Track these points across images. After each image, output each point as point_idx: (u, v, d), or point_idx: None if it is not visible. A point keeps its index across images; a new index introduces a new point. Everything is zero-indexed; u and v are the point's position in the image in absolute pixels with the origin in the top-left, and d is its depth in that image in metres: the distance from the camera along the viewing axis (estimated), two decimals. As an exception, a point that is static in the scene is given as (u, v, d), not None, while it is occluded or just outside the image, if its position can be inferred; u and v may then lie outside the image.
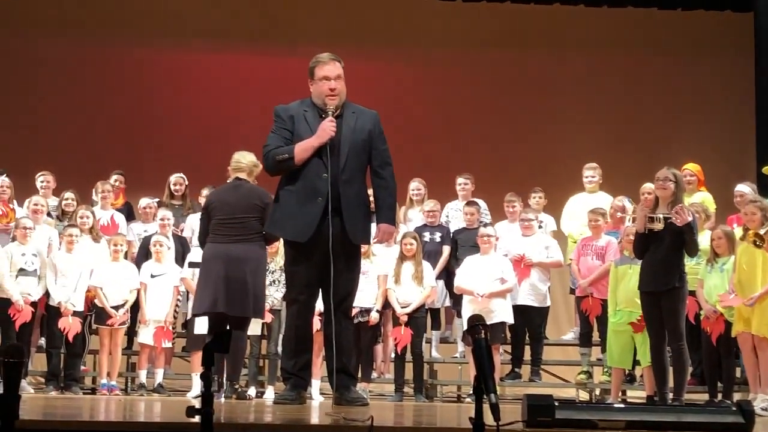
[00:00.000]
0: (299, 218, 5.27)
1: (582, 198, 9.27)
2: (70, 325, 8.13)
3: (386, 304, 8.25)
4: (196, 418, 3.02)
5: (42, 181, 9.20)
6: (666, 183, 6.74)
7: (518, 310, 8.33)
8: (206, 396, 3.05)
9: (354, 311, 7.66)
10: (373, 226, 5.68)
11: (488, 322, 3.60)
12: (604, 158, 9.74)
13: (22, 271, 8.15)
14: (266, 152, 5.37)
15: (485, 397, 3.06)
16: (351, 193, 5.31)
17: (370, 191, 5.61)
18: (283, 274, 6.68)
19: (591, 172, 9.22)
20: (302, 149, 5.24)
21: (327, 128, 5.21)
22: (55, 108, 11.44)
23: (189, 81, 11.74)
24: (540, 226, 8.92)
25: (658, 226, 6.60)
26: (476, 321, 3.15)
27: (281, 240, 6.13)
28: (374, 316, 8.02)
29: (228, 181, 7.06)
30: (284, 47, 11.60)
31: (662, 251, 6.66)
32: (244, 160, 6.82)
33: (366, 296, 7.84)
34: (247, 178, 6.83)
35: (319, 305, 5.73)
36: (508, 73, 11.96)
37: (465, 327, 7.99)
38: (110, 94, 11.51)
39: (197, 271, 7.21)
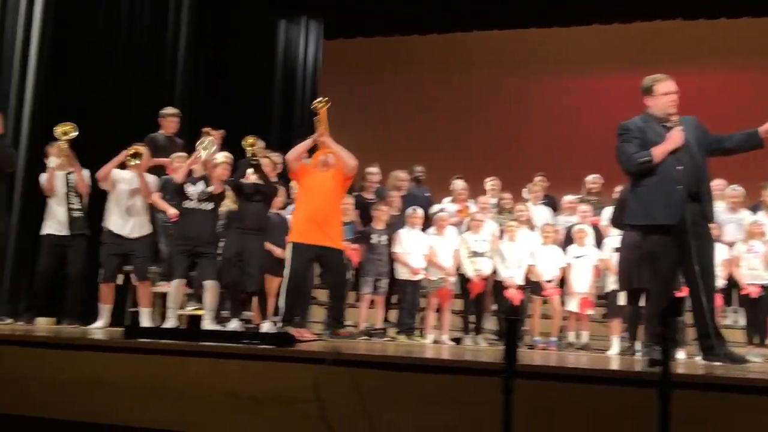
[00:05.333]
0: (664, 204, 5.19)
1: None
2: (514, 295, 8.42)
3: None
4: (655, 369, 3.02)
5: (491, 186, 9.67)
6: None
7: None
8: (666, 350, 3.04)
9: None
10: None
11: None
12: None
13: (475, 254, 8.58)
14: (627, 156, 5.37)
15: None
16: (703, 181, 5.29)
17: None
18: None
19: None
20: (660, 152, 5.25)
21: (678, 137, 5.25)
22: (492, 126, 12.15)
23: (596, 101, 11.88)
24: None
25: None
26: None
27: None
28: None
29: None
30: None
31: None
32: None
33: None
34: None
35: None
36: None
37: None
38: (533, 115, 12.03)
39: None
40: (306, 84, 12.78)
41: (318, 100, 7.40)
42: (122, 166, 7.48)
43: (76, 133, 7.40)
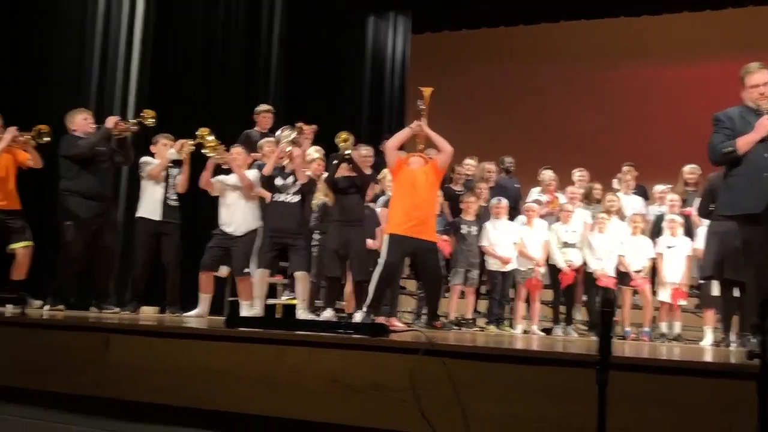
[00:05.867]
0: (751, 193, 5.04)
1: None
2: (608, 282, 8.29)
3: None
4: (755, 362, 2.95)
5: (579, 176, 9.50)
6: None
7: None
8: (765, 342, 2.96)
9: None
10: None
11: None
12: None
13: (565, 244, 8.48)
14: (712, 146, 5.24)
15: None
16: None
17: None
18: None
19: None
20: (745, 142, 5.10)
21: (766, 125, 5.08)
22: (580, 116, 11.98)
23: (690, 90, 11.64)
24: None
25: None
26: None
27: None
28: None
29: None
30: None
31: None
32: None
33: None
34: None
35: None
36: None
37: None
38: (623, 105, 11.85)
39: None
40: (395, 79, 12.86)
41: (428, 88, 7.41)
42: (219, 169, 7.64)
43: (214, 146, 7.57)
